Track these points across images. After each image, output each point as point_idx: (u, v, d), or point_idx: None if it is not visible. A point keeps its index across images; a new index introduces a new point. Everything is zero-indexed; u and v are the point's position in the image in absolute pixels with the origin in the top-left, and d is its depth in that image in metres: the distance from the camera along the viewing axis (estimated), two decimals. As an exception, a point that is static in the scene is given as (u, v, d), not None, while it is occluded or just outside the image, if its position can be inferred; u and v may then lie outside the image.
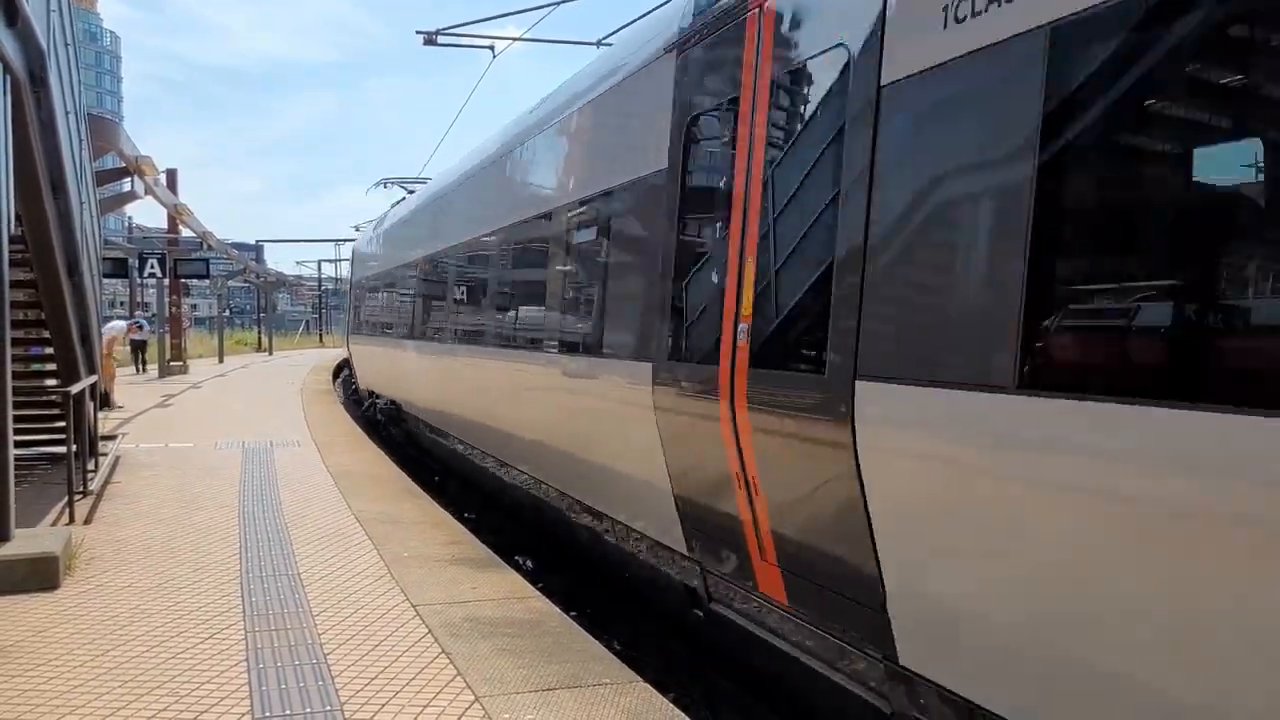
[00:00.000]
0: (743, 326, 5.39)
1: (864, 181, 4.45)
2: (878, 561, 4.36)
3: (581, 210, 8.21)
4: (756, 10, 5.49)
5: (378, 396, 20.57)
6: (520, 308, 10.26)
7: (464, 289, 12.60)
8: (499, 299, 10.86)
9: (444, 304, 13.71)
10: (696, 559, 6.27)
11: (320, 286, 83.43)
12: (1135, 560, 3.15)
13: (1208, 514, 2.95)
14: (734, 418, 5.39)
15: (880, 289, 4.32)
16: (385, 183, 23.44)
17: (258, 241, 70.96)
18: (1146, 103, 3.44)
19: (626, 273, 7.26)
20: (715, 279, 5.75)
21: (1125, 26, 3.34)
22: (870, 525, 4.35)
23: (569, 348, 8.26)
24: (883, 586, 4.35)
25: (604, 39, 13.12)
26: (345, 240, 67.29)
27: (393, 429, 19.13)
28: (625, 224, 7.35)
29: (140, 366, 33.92)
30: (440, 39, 14.88)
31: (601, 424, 7.64)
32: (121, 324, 23.39)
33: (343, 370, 33.74)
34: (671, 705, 4.83)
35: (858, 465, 4.36)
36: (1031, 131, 3.59)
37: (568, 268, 8.67)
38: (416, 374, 15.50)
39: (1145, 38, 3.31)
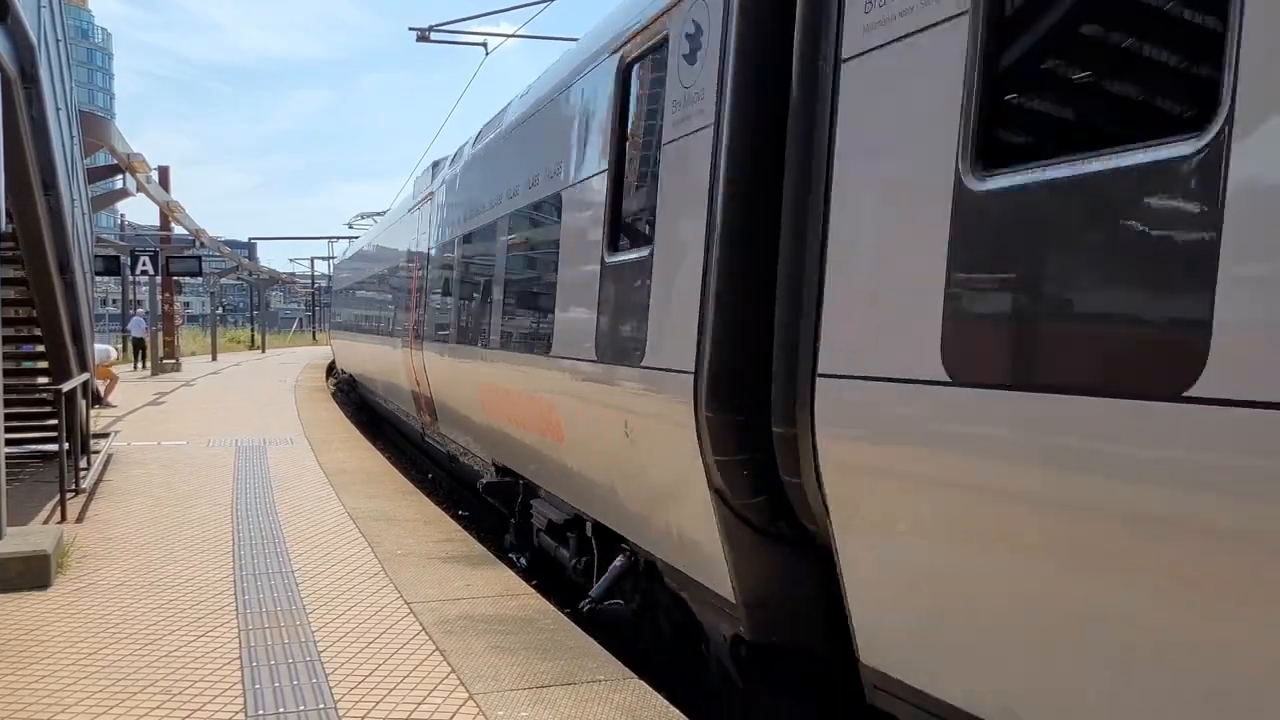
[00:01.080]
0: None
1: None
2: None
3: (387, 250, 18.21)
4: None
5: (343, 371, 29.52)
6: (377, 311, 19.74)
7: (362, 305, 22.79)
8: (369, 308, 21.15)
9: (357, 312, 23.83)
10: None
11: (313, 284, 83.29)
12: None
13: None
14: None
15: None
16: (361, 215, 37.54)
17: (250, 239, 70.60)
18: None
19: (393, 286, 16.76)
20: None
21: None
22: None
23: (384, 329, 17.82)
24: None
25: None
26: (338, 238, 67.23)
27: (350, 394, 27.28)
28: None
29: (140, 364, 34.16)
30: (433, 35, 14.85)
31: (384, 365, 17.52)
32: (109, 349, 23.45)
33: (335, 367, 34.06)
34: (666, 701, 4.83)
35: None
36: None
37: (392, 284, 17.61)
38: (357, 354, 23.81)
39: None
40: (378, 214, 30.89)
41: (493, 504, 9.67)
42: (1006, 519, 3.14)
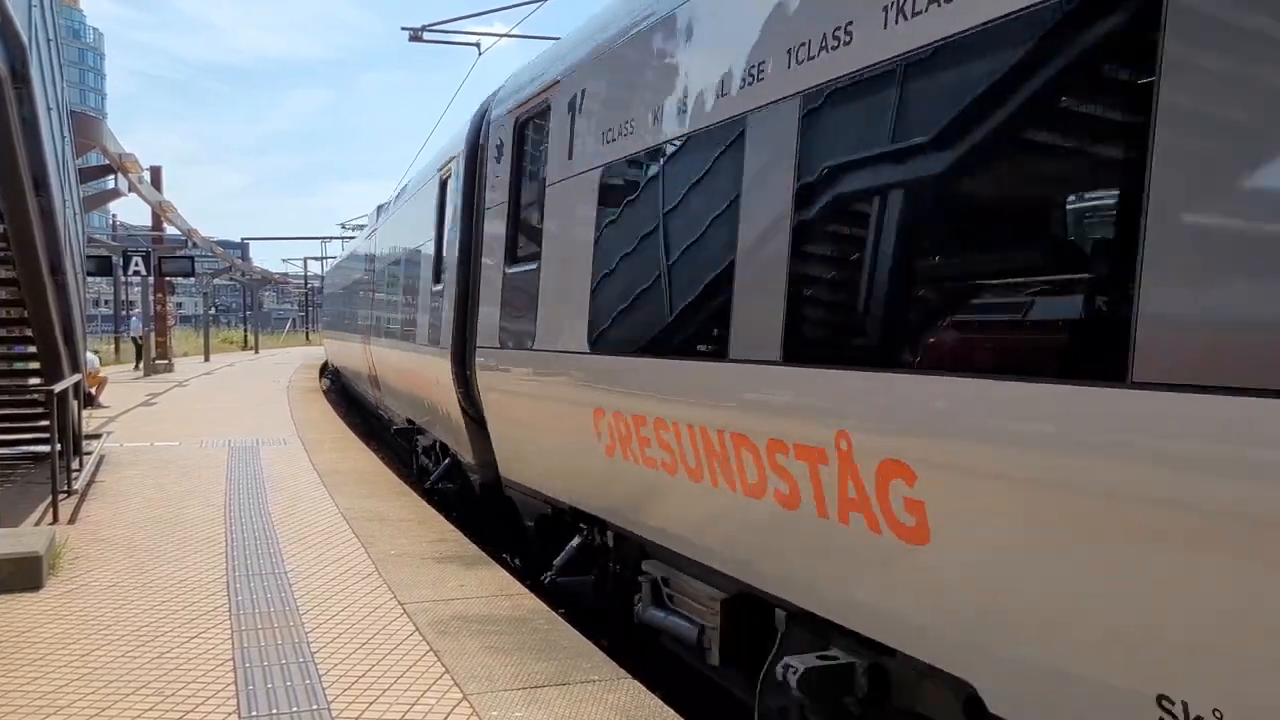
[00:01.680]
0: None
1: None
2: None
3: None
4: None
5: (330, 366, 34.33)
6: (350, 315, 23.92)
7: (340, 309, 27.63)
8: (344, 313, 25.91)
9: (337, 314, 29.37)
10: None
11: (306, 284, 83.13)
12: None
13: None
14: None
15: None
16: (345, 224, 45.42)
17: (243, 239, 70.59)
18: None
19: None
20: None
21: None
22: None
23: (351, 328, 22.62)
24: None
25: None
26: (332, 238, 67.16)
27: (335, 383, 31.47)
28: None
29: (139, 364, 33.91)
30: (426, 35, 14.83)
31: (353, 356, 22.40)
32: (93, 357, 23.43)
33: (327, 367, 34.40)
34: (660, 701, 4.83)
35: None
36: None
37: (358, 294, 22.02)
38: (337, 349, 29.26)
39: None
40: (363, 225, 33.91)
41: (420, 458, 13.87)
42: (535, 408, 7.55)
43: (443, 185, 11.02)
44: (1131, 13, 2.88)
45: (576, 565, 7.32)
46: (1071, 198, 3.23)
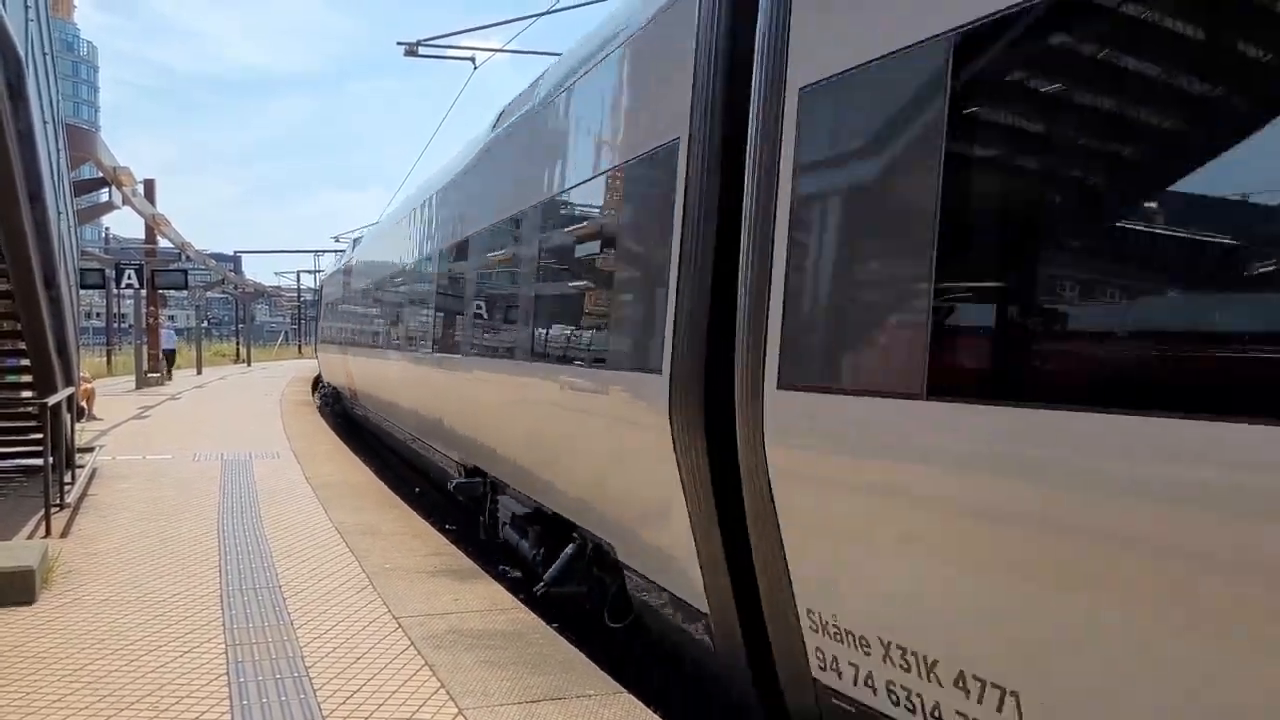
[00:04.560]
0: None
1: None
2: None
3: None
4: None
5: (324, 379, 34.87)
6: (335, 331, 26.77)
7: (329, 325, 29.20)
8: (331, 329, 28.12)
9: (327, 328, 30.29)
10: None
11: (299, 297, 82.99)
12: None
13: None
14: None
15: None
16: (337, 238, 47.30)
17: (236, 252, 70.42)
18: None
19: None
20: None
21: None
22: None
23: (335, 341, 26.34)
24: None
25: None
26: (324, 251, 67.16)
27: (323, 393, 31.77)
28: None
29: (167, 374, 36.03)
30: (421, 50, 14.87)
31: (340, 364, 25.60)
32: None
33: (320, 382, 34.31)
34: (656, 717, 4.82)
35: None
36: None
37: (340, 312, 25.82)
38: (324, 359, 31.47)
39: None
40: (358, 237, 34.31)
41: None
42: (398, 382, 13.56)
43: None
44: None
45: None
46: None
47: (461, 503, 10.97)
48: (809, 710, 4.43)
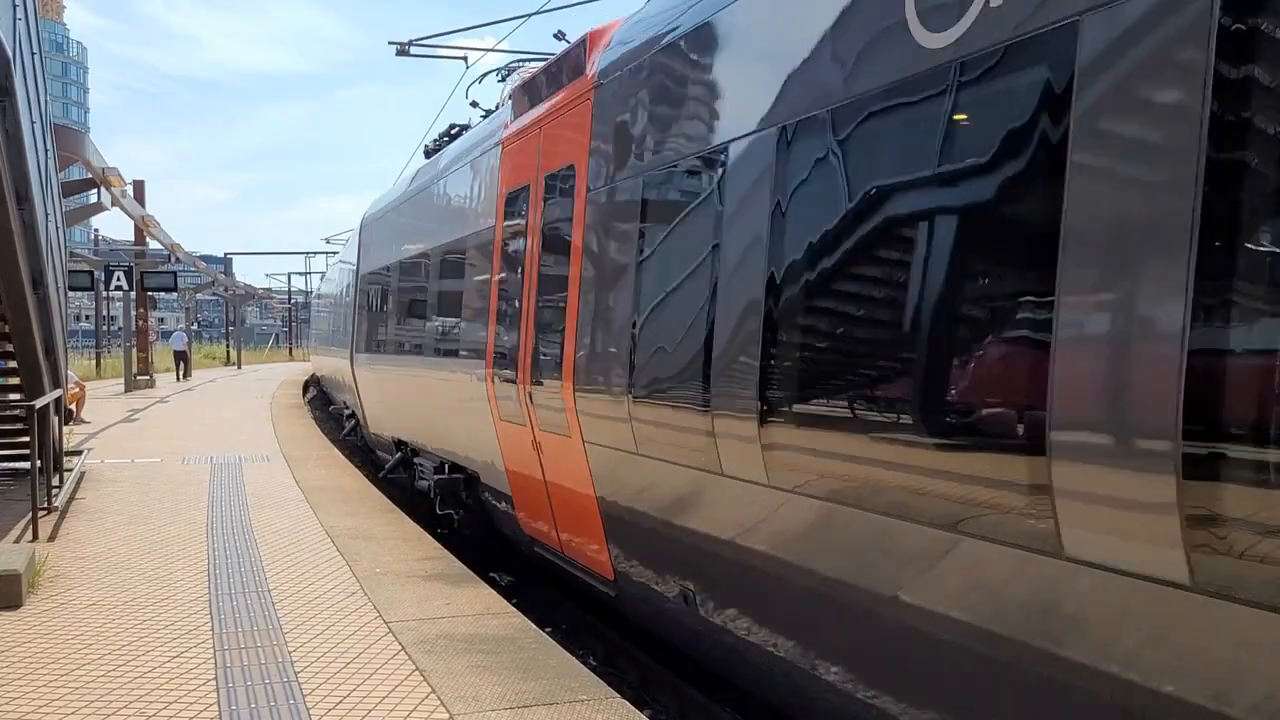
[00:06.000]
0: None
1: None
2: None
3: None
4: None
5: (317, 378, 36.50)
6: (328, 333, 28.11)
7: (322, 329, 31.45)
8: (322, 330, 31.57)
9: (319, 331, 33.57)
10: None
11: (290, 300, 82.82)
12: None
13: None
14: None
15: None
16: (328, 239, 49.08)
17: (226, 254, 70.41)
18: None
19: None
20: None
21: None
22: None
23: (326, 343, 28.28)
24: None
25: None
26: (315, 253, 67.00)
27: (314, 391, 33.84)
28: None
29: (181, 375, 38.03)
30: (413, 50, 14.84)
31: (330, 365, 26.69)
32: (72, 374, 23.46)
33: (310, 387, 34.31)
34: (649, 721, 4.79)
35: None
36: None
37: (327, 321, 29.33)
38: (319, 362, 32.31)
39: None
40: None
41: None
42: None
43: None
44: None
45: None
46: None
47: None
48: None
